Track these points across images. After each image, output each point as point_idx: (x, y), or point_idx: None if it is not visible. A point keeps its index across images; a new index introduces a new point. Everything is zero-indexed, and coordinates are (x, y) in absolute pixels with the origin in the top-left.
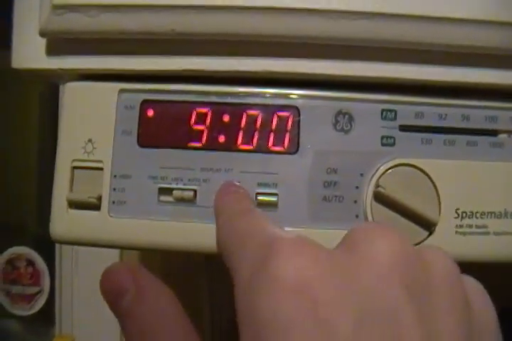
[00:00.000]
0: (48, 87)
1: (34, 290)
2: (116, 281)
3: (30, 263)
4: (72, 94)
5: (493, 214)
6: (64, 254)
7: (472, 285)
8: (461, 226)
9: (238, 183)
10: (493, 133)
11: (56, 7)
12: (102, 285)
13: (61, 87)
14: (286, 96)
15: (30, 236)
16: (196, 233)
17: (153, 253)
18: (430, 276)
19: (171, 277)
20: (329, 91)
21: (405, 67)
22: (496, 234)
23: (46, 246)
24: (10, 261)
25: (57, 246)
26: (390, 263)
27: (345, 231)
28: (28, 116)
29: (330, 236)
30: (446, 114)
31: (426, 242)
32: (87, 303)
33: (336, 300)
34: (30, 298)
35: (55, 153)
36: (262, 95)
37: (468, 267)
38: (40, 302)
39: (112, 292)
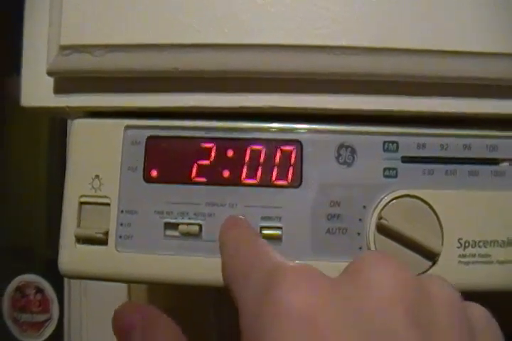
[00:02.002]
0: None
1: (43, 317)
2: (125, 320)
3: (39, 290)
4: (79, 130)
5: (496, 243)
6: (72, 282)
7: (477, 311)
8: (464, 255)
9: (242, 217)
10: (495, 161)
11: (63, 47)
12: (112, 324)
13: (69, 122)
14: (289, 130)
15: (38, 262)
16: (202, 267)
17: (160, 286)
18: (431, 303)
19: (178, 310)
20: (331, 125)
21: (406, 99)
22: (500, 262)
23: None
24: (19, 289)
25: None
26: (391, 289)
27: None
28: (38, 145)
29: (334, 268)
30: (447, 144)
31: (429, 272)
32: (95, 331)
33: (339, 327)
34: (40, 326)
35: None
36: (266, 130)
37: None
38: (49, 329)
39: (122, 330)
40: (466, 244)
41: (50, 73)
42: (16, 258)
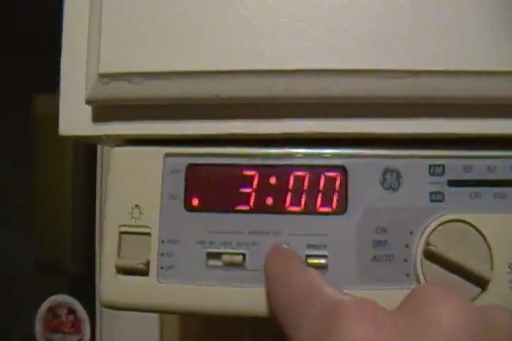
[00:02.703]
0: None
1: (75, 338)
2: None
3: (71, 311)
4: (118, 158)
5: None
6: None
7: None
8: None
9: (287, 246)
10: None
11: (102, 76)
12: None
13: (101, 148)
14: (332, 156)
15: (69, 279)
16: (246, 297)
17: None
18: (495, 337)
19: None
20: (376, 150)
21: (455, 122)
22: None
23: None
24: (51, 309)
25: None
26: (455, 326)
27: (396, 291)
28: (65, 163)
29: (380, 296)
30: (494, 166)
31: (479, 298)
32: None
33: None
34: None
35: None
36: (309, 156)
37: None
38: None
39: None
40: None
41: (88, 102)
42: (46, 276)
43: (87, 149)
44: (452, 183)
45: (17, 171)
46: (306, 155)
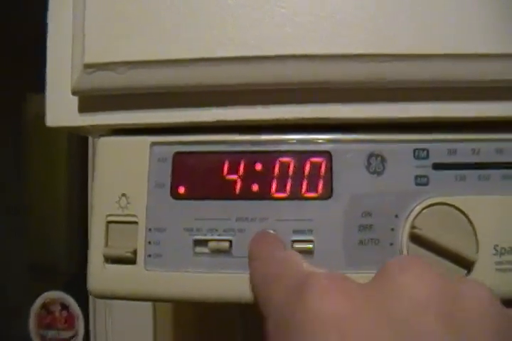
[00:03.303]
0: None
1: (69, 334)
2: None
3: (65, 307)
4: (104, 149)
5: None
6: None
7: None
8: (500, 263)
9: (273, 231)
10: None
11: (87, 66)
12: None
13: (90, 139)
14: (317, 141)
15: (62, 279)
16: (233, 284)
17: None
18: (467, 309)
19: (204, 322)
20: (360, 134)
21: (437, 105)
22: None
23: (79, 289)
24: (44, 306)
25: None
26: (424, 295)
27: None
28: (57, 161)
29: (367, 279)
30: (479, 149)
31: None
32: None
33: (370, 333)
34: None
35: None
36: (294, 142)
37: None
38: None
39: None
40: (503, 251)
41: (74, 92)
42: (39, 276)
43: (80, 148)
44: (437, 166)
45: (9, 171)
46: (291, 142)
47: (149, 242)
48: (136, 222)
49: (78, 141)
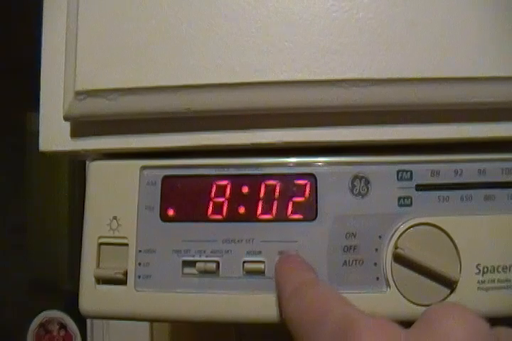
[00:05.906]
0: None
1: None
2: None
3: (63, 326)
4: (96, 172)
5: None
6: None
7: None
8: (483, 281)
9: (294, 252)
10: (510, 185)
11: (78, 93)
12: None
13: (87, 163)
14: (302, 164)
15: (61, 298)
16: (220, 304)
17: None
18: None
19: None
20: (344, 157)
21: (419, 127)
22: None
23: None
24: (43, 325)
25: None
26: (465, 336)
27: (367, 295)
28: (60, 181)
29: (351, 300)
30: (461, 170)
31: (448, 299)
32: None
33: None
34: None
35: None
36: (279, 165)
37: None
38: None
39: None
40: (485, 270)
41: (66, 118)
42: (39, 294)
43: (81, 168)
44: (420, 188)
45: (11, 189)
46: (276, 165)
47: (139, 263)
48: (126, 244)
49: (79, 160)
